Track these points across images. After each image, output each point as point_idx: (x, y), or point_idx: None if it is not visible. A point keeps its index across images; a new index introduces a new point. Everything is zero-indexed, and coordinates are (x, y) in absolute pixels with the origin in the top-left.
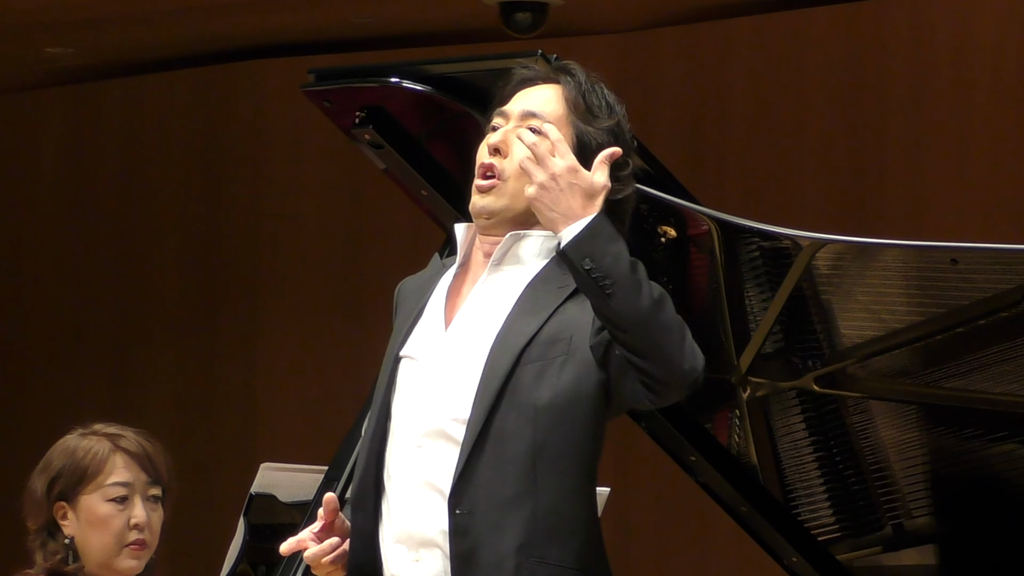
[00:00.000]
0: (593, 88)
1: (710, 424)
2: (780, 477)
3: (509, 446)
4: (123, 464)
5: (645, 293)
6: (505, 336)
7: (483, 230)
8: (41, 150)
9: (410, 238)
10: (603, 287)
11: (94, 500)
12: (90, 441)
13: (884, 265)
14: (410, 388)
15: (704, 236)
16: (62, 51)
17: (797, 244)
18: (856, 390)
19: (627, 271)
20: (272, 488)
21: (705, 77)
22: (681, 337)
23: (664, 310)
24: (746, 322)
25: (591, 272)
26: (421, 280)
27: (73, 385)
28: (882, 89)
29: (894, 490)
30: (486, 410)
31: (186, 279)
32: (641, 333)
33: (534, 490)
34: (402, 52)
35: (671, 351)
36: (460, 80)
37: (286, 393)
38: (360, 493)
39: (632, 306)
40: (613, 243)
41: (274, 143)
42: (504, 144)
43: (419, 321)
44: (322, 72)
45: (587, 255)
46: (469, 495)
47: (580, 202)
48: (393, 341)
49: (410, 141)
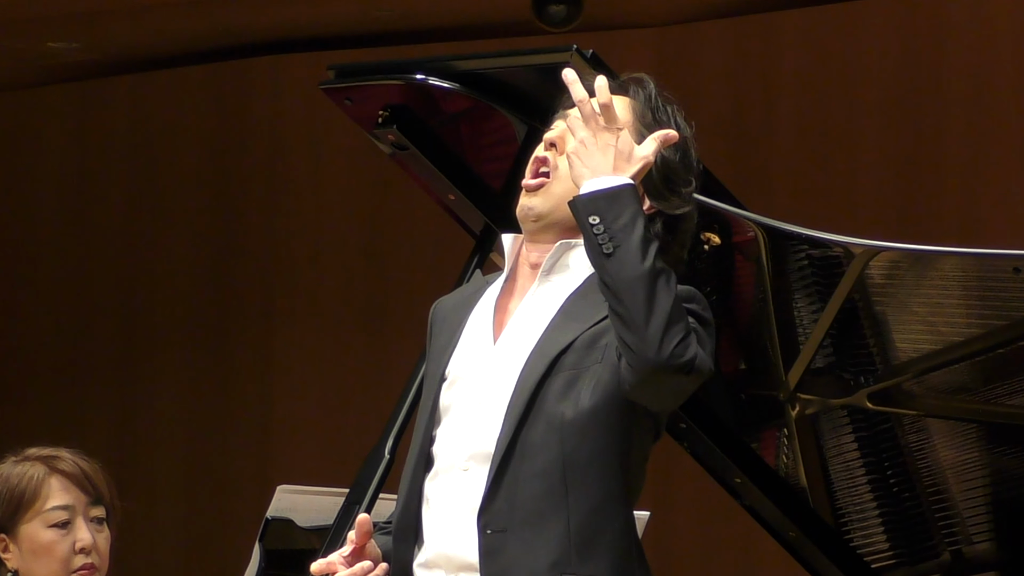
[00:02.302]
0: (662, 106)
1: (757, 444)
2: (831, 500)
3: (538, 460)
4: (61, 487)
5: (648, 265)
6: (542, 346)
7: (530, 236)
8: (43, 152)
9: (437, 247)
10: (602, 246)
11: (35, 528)
12: (23, 467)
13: (942, 274)
14: (457, 409)
15: (750, 243)
16: (65, 46)
17: (849, 252)
18: (912, 407)
19: (637, 241)
20: (289, 512)
21: (750, 73)
22: (670, 324)
23: (663, 289)
24: (795, 335)
25: (595, 229)
26: (461, 297)
27: (76, 401)
28: (940, 85)
29: (952, 514)
30: (515, 423)
31: (198, 289)
32: (629, 300)
33: (566, 504)
34: (428, 47)
35: (652, 331)
36: (490, 77)
37: (304, 410)
38: (403, 524)
39: (628, 270)
40: (632, 214)
41: (292, 144)
42: (561, 139)
43: (463, 338)
44: (342, 68)
45: (597, 213)
46: (500, 513)
47: (612, 163)
48: (435, 363)
49: (437, 142)
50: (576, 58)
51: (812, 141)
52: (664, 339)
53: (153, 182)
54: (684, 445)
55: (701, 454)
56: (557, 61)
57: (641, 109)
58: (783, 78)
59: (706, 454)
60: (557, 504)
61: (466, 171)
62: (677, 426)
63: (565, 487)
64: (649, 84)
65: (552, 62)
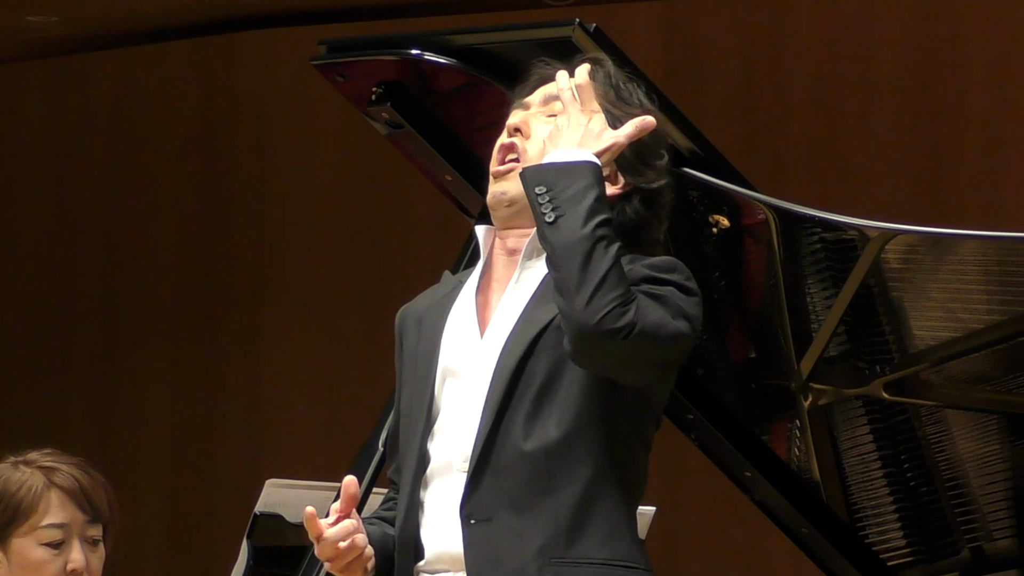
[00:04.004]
0: (623, 84)
1: (767, 436)
2: (845, 495)
3: (521, 445)
4: (58, 502)
5: (587, 231)
6: (520, 329)
7: (504, 223)
8: (20, 131)
9: (434, 229)
10: (544, 215)
11: (27, 544)
12: (22, 473)
13: (962, 258)
14: (450, 410)
15: (761, 226)
16: (44, 19)
17: (864, 235)
18: (930, 398)
19: (582, 211)
20: (279, 507)
21: (761, 48)
22: (601, 288)
23: (600, 255)
24: (807, 322)
25: (540, 198)
26: (431, 300)
27: (57, 394)
28: (959, 61)
29: (972, 509)
30: (494, 410)
31: (183, 274)
32: (564, 266)
33: (552, 488)
34: (424, 21)
35: (581, 296)
36: (489, 52)
37: (294, 402)
38: (405, 536)
39: (567, 236)
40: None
41: (281, 123)
42: (525, 124)
43: (448, 338)
44: (335, 43)
45: (544, 183)
46: (484, 503)
47: (579, 140)
48: (421, 367)
49: (433, 120)
50: (579, 33)
51: (826, 119)
52: (592, 303)
53: (136, 163)
54: (691, 437)
55: (709, 447)
56: (559, 36)
57: (603, 89)
58: (796, 53)
59: (714, 447)
60: (543, 489)
61: (464, 150)
62: (684, 417)
63: (549, 471)
64: (607, 62)
65: (554, 36)
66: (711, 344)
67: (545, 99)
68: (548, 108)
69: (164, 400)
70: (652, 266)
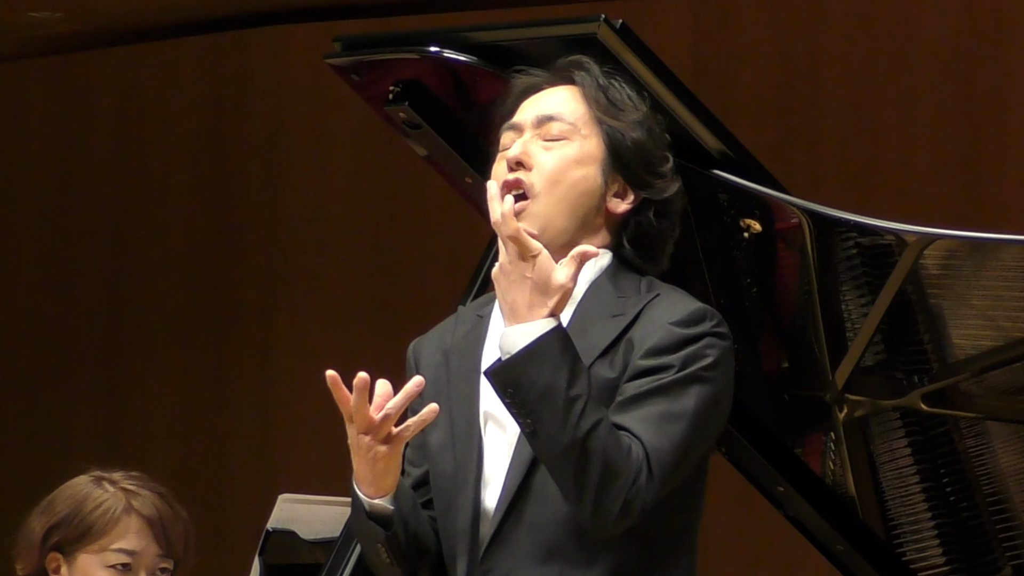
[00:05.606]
0: (611, 83)
1: (801, 449)
2: (882, 510)
3: (550, 505)
4: (135, 529)
5: (567, 439)
6: None
7: None
8: (24, 130)
9: (453, 235)
10: (522, 425)
11: (92, 563)
12: (103, 492)
13: (1003, 264)
14: (496, 456)
15: (794, 231)
16: (48, 15)
17: (902, 240)
18: (970, 409)
19: (555, 411)
20: (292, 523)
21: (795, 44)
22: (601, 493)
23: (591, 457)
24: (843, 331)
25: (511, 404)
26: (454, 336)
27: (61, 400)
28: (1000, 60)
29: (1014, 525)
30: (525, 465)
31: (192, 280)
32: (559, 476)
33: (597, 547)
34: (443, 17)
35: (585, 506)
36: (511, 49)
37: (308, 414)
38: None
39: (552, 447)
40: (549, 375)
41: (294, 123)
42: (526, 156)
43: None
44: (350, 40)
45: (510, 383)
46: (503, 558)
47: (528, 298)
48: (442, 413)
49: (452, 120)
50: (605, 29)
51: (862, 119)
52: (599, 509)
53: (144, 164)
54: (722, 451)
55: (740, 461)
56: (584, 32)
57: (593, 93)
58: (831, 48)
59: (746, 461)
60: (585, 549)
61: (484, 152)
62: None
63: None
64: (591, 65)
65: (579, 33)
66: (742, 354)
67: (538, 121)
68: (543, 131)
69: (173, 411)
70: (677, 325)
